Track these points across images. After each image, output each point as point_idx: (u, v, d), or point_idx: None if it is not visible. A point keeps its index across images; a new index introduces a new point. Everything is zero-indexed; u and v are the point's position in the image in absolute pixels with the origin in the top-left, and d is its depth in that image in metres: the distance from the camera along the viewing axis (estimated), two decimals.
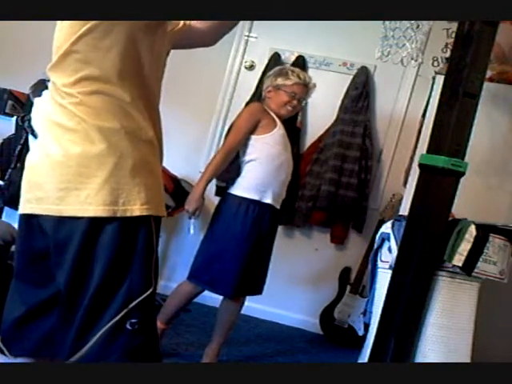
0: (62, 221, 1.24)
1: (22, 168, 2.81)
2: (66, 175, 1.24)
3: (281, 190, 2.65)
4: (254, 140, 2.59)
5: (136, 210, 1.25)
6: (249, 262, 2.58)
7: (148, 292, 1.27)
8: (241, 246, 2.56)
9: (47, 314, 1.34)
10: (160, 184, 1.36)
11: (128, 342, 1.24)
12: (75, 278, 1.24)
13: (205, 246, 2.67)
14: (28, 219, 1.33)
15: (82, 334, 1.25)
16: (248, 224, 2.55)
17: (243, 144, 2.59)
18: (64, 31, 1.29)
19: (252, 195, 2.56)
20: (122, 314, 1.23)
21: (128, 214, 1.24)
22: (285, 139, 2.66)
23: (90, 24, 1.24)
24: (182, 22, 1.52)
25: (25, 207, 1.33)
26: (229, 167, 2.63)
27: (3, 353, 1.37)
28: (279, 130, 2.63)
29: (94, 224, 1.22)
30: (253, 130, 2.58)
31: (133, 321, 1.24)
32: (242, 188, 2.58)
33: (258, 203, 2.57)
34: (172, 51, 1.51)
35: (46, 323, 1.34)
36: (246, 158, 2.60)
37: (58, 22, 1.33)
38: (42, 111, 1.37)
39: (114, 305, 1.23)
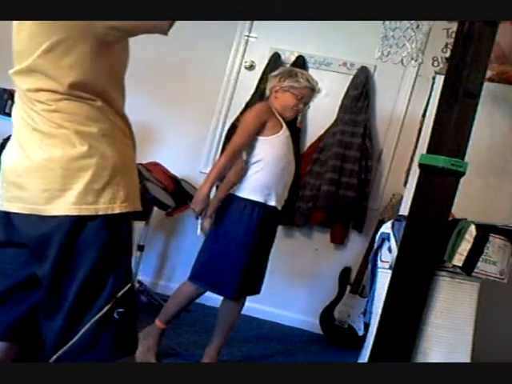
0: (44, 219, 1.30)
1: None
2: (49, 177, 1.30)
3: (284, 191, 2.66)
4: (261, 141, 2.56)
5: (116, 207, 1.33)
6: (251, 263, 2.59)
7: (129, 285, 1.35)
8: (245, 248, 2.55)
9: (16, 300, 1.42)
10: (135, 179, 1.44)
11: (115, 329, 1.32)
12: (59, 271, 1.31)
13: (208, 247, 2.66)
14: (4, 216, 1.39)
15: (71, 324, 1.31)
16: (252, 226, 2.54)
17: (249, 145, 2.57)
18: (25, 41, 1.32)
19: (257, 197, 2.56)
20: (111, 304, 1.31)
21: (109, 212, 1.32)
22: (289, 141, 2.65)
23: (51, 41, 1.27)
24: None
25: (3, 205, 1.39)
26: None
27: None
28: (285, 132, 2.62)
29: (78, 222, 1.29)
30: (260, 131, 2.55)
31: (120, 310, 1.32)
32: (248, 190, 2.57)
33: (262, 205, 2.56)
34: (172, 52, 1.51)
35: (16, 309, 1.42)
36: (252, 159, 2.58)
37: (15, 24, 1.34)
38: (17, 113, 1.41)
39: (102, 296, 1.30)
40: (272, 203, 2.58)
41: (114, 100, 1.38)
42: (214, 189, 2.65)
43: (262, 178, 2.56)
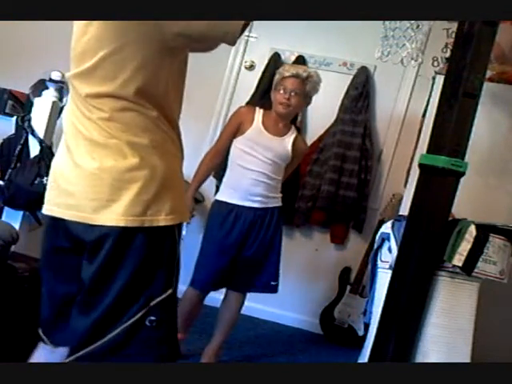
0: (93, 227, 1.32)
1: (22, 168, 2.81)
2: (99, 187, 1.31)
3: (252, 187, 2.70)
4: (232, 144, 2.74)
5: (162, 220, 1.34)
6: (217, 257, 2.69)
7: (167, 293, 1.36)
8: (209, 243, 2.73)
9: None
10: (183, 193, 1.48)
11: (146, 336, 1.34)
12: (102, 275, 1.33)
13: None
14: (55, 221, 1.41)
15: (101, 327, 1.32)
16: (217, 224, 2.72)
17: (224, 148, 2.75)
18: (90, 43, 1.31)
19: (223, 197, 2.74)
20: (142, 312, 1.32)
21: (155, 224, 1.33)
22: (258, 135, 2.70)
23: (118, 43, 1.27)
24: None
25: (53, 210, 1.40)
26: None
27: (44, 341, 1.49)
28: (254, 129, 2.69)
29: (125, 233, 1.31)
30: (235, 134, 2.72)
31: (152, 318, 1.33)
32: (219, 192, 2.81)
33: (228, 204, 2.71)
34: None
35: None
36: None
37: (78, 25, 1.34)
38: (68, 118, 1.41)
39: (135, 306, 1.32)
40: (234, 201, 2.70)
41: (170, 111, 1.39)
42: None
43: (227, 178, 2.77)
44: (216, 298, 2.80)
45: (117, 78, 1.29)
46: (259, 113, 2.73)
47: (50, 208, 1.42)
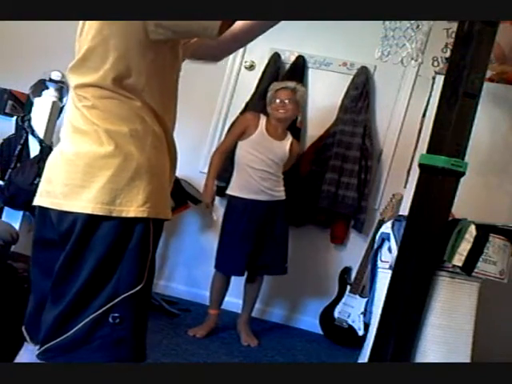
0: (64, 214, 1.31)
1: (22, 168, 2.81)
2: (72, 172, 1.31)
3: (255, 183, 3.18)
4: (238, 145, 3.23)
5: (132, 211, 1.30)
6: (229, 243, 3.22)
7: (135, 289, 1.31)
8: (224, 232, 3.27)
9: None
10: (165, 188, 1.41)
11: (109, 333, 1.29)
12: (67, 268, 1.31)
13: None
14: (41, 211, 1.41)
15: (64, 321, 1.30)
16: (226, 215, 3.28)
17: (231, 147, 3.25)
18: (82, 37, 1.35)
19: (236, 193, 3.24)
20: (105, 307, 1.29)
21: (123, 215, 1.29)
22: (263, 139, 3.18)
23: (102, 35, 1.30)
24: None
25: (36, 199, 1.41)
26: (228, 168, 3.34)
27: (26, 340, 1.46)
28: (258, 134, 3.19)
29: (92, 221, 1.28)
30: (240, 137, 3.21)
31: (115, 315, 1.29)
32: (230, 188, 3.30)
33: (235, 197, 3.23)
34: None
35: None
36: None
37: (78, 27, 1.38)
38: (65, 114, 1.45)
39: (99, 298, 1.29)
40: (248, 196, 3.18)
41: (156, 105, 1.37)
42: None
43: (235, 177, 3.26)
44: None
45: (99, 69, 1.31)
46: (263, 119, 3.22)
47: (36, 198, 1.42)
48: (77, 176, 1.30)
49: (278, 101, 3.19)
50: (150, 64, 1.34)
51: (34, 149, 2.88)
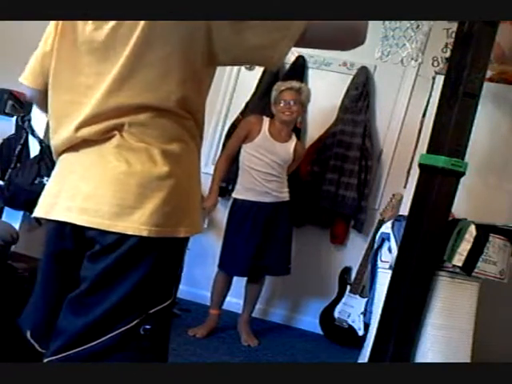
0: (111, 232, 1.25)
1: (22, 168, 2.81)
2: (123, 192, 1.25)
3: (258, 185, 3.19)
4: (242, 148, 3.23)
5: (181, 231, 1.30)
6: (231, 243, 3.23)
7: (166, 303, 1.33)
8: (226, 232, 3.28)
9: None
10: (199, 204, 1.42)
11: (138, 344, 1.30)
12: (106, 278, 1.28)
13: None
14: (61, 225, 1.33)
15: (95, 330, 1.28)
16: (231, 216, 3.28)
17: (236, 150, 3.24)
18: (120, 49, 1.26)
19: (235, 194, 3.26)
20: (139, 320, 1.28)
21: (174, 235, 1.29)
22: (267, 142, 3.17)
23: (152, 54, 1.23)
24: None
25: (61, 214, 1.31)
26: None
27: (34, 347, 1.44)
28: (261, 137, 3.17)
29: (142, 241, 1.25)
30: (244, 140, 3.20)
31: (147, 327, 1.29)
32: (236, 191, 3.29)
33: (236, 200, 3.25)
34: None
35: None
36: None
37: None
38: None
39: (134, 313, 1.28)
40: (253, 198, 3.19)
41: (202, 116, 1.36)
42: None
43: (240, 179, 3.26)
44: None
45: (161, 88, 1.25)
46: (266, 122, 3.21)
47: (59, 213, 1.32)
48: (129, 196, 1.24)
49: (282, 103, 3.16)
50: (206, 83, 1.33)
51: (34, 149, 2.88)
